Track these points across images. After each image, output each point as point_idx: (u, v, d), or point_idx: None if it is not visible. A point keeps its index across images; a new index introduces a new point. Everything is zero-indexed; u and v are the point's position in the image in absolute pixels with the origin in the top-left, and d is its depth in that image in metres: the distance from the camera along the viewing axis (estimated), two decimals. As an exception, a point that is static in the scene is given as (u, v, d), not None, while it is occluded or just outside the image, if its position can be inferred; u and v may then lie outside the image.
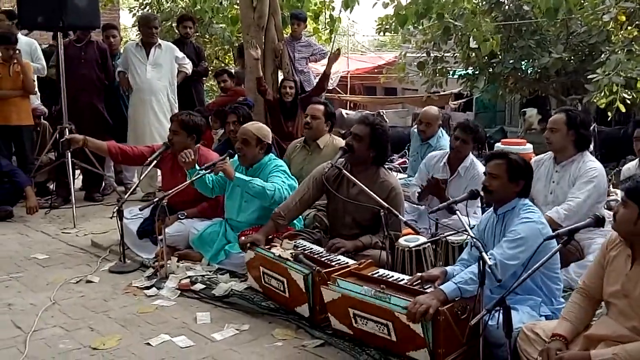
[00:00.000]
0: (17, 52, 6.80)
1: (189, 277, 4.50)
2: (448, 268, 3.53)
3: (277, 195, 4.48)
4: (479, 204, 4.83)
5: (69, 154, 6.28)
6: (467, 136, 4.97)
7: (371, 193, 4.03)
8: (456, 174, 5.02)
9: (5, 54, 6.78)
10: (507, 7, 10.49)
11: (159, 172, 6.30)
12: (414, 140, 6.42)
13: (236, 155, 4.78)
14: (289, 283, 3.82)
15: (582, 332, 2.87)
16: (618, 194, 5.24)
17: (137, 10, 14.74)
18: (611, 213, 4.42)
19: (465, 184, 4.89)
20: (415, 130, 6.36)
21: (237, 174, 4.50)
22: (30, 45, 7.54)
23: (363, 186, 4.07)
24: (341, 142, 5.09)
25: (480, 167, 4.90)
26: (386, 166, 4.53)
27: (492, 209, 3.62)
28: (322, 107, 5.45)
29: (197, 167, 4.73)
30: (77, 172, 7.25)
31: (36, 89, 7.42)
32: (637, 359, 2.57)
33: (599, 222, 2.77)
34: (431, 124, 6.10)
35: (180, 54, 7.42)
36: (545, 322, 3.11)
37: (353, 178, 4.17)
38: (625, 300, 2.76)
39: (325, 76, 7.37)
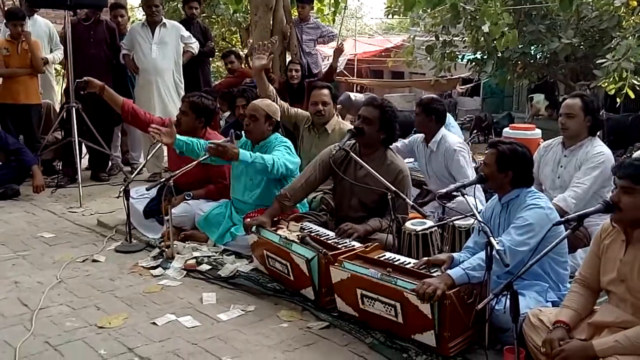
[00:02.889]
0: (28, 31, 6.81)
1: (194, 257, 4.51)
2: (455, 254, 3.52)
3: (275, 168, 4.44)
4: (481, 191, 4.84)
5: (76, 134, 6.28)
6: (417, 108, 5.11)
7: (379, 176, 4.01)
8: (429, 150, 5.08)
9: (14, 30, 6.78)
10: (517, -10, 10.39)
11: (165, 152, 6.30)
12: None
13: (244, 133, 4.77)
14: (293, 267, 3.83)
15: (586, 319, 2.88)
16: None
17: (144, -10, 14.63)
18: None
19: (442, 160, 4.98)
20: None
21: (241, 152, 4.41)
22: (48, 26, 7.55)
23: (372, 170, 4.05)
24: (349, 126, 5.07)
25: (452, 141, 4.97)
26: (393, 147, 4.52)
27: (496, 196, 3.61)
28: (327, 91, 5.40)
29: (179, 137, 4.77)
30: (84, 151, 7.26)
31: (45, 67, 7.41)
32: (639, 343, 2.57)
33: (609, 207, 2.75)
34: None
35: (186, 33, 7.38)
36: (550, 309, 3.10)
37: (362, 162, 4.15)
38: (623, 285, 2.76)
39: (332, 69, 7.35)
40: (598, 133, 4.47)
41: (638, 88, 7.63)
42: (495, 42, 8.33)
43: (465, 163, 4.89)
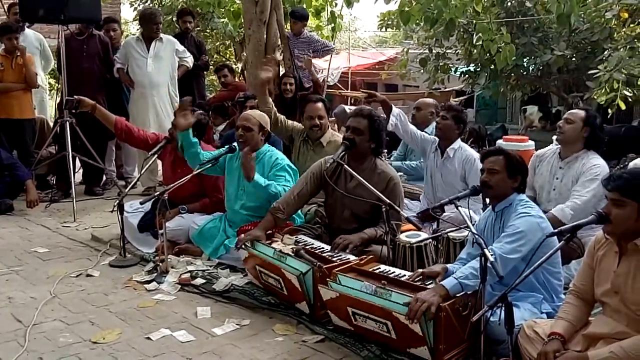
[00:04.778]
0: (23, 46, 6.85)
1: (189, 271, 4.49)
2: (449, 265, 3.53)
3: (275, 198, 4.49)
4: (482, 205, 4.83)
5: (70, 149, 6.27)
6: (447, 113, 5.07)
7: (373, 189, 4.01)
8: (445, 156, 5.05)
9: (9, 44, 6.80)
10: (509, 3, 10.48)
11: (160, 166, 6.29)
12: None
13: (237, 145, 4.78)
14: (285, 281, 3.82)
15: (581, 331, 2.88)
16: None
17: (138, 4, 14.71)
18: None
19: (460, 169, 4.96)
20: None
21: (256, 177, 4.45)
22: (39, 40, 7.60)
23: (366, 183, 4.05)
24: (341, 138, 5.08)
25: (471, 152, 4.99)
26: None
27: (490, 207, 3.62)
28: (322, 104, 5.41)
29: (190, 133, 4.80)
30: (78, 165, 7.24)
31: (40, 83, 7.42)
32: (634, 354, 2.58)
33: (602, 219, 2.76)
34: (421, 109, 6.16)
35: (181, 47, 7.41)
36: (545, 321, 3.11)
37: (356, 174, 4.15)
38: (617, 297, 2.77)
39: (317, 84, 7.68)
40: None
41: (630, 99, 7.68)
42: (488, 54, 8.39)
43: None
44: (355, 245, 4.03)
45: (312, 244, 4.16)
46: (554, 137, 4.61)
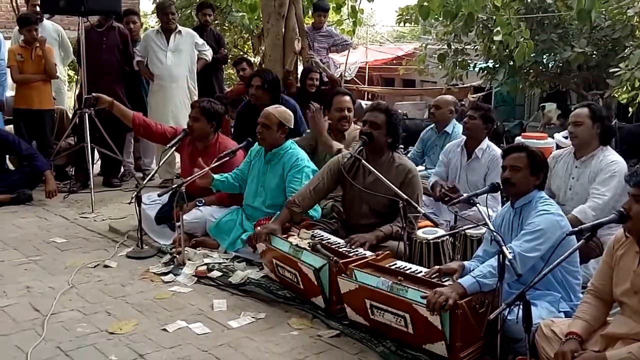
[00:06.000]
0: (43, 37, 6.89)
1: (205, 264, 4.51)
2: (465, 263, 3.51)
3: None
4: (499, 200, 4.78)
5: (88, 136, 6.31)
6: (475, 112, 4.99)
7: (390, 184, 4.00)
8: (473, 157, 4.99)
9: (28, 36, 6.85)
10: (530, -1, 10.39)
11: (177, 159, 6.31)
12: (428, 135, 6.31)
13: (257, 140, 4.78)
14: (301, 276, 3.82)
15: (599, 331, 2.85)
16: None
17: (156, -4, 14.73)
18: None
19: (485, 168, 4.90)
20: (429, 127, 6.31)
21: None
22: (58, 32, 7.65)
23: (384, 179, 4.03)
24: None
25: (498, 151, 4.89)
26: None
27: (508, 203, 3.59)
28: (349, 97, 5.42)
29: (216, 177, 4.79)
30: (96, 157, 7.29)
31: (58, 74, 7.47)
32: None
33: (622, 218, 2.73)
34: (440, 107, 6.10)
35: (200, 41, 7.43)
36: (563, 320, 3.08)
37: (374, 169, 4.14)
38: (636, 297, 2.74)
39: (334, 82, 7.62)
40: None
41: (651, 98, 7.58)
42: (507, 50, 8.31)
43: None
44: (371, 244, 4.02)
45: (329, 238, 4.15)
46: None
